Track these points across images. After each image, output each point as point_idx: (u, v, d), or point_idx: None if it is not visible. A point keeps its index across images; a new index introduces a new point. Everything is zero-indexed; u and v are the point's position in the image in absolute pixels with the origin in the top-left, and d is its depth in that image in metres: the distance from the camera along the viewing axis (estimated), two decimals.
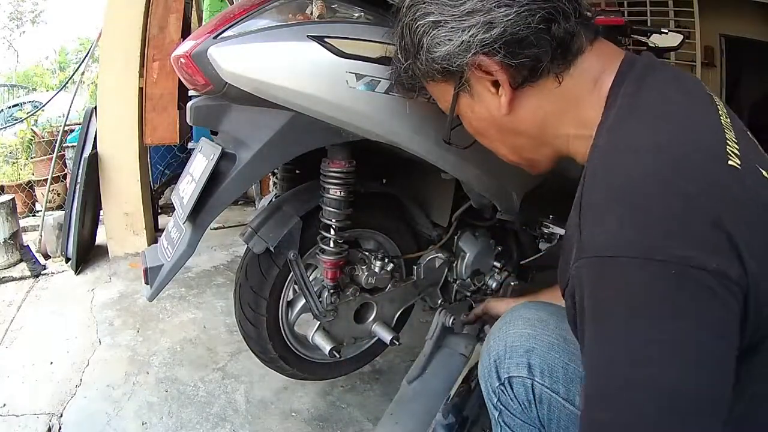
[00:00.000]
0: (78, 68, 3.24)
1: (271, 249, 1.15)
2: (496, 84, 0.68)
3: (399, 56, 0.76)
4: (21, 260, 2.56)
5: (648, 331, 0.49)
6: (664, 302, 0.48)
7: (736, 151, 0.56)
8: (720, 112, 0.61)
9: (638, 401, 0.48)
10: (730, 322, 0.49)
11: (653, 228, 0.49)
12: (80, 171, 2.47)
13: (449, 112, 0.75)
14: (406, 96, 0.91)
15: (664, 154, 0.53)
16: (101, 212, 2.76)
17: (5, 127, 4.28)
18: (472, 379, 1.03)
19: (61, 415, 1.47)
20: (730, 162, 0.54)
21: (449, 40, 0.66)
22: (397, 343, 1.29)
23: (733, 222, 0.49)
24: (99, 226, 2.85)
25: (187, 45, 0.93)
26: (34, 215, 3.50)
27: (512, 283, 1.41)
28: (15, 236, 2.57)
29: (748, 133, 0.63)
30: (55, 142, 3.27)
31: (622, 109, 0.61)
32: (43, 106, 3.81)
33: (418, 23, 0.68)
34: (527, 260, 1.44)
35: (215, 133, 1.08)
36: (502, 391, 0.80)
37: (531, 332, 0.80)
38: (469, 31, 0.64)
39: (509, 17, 0.62)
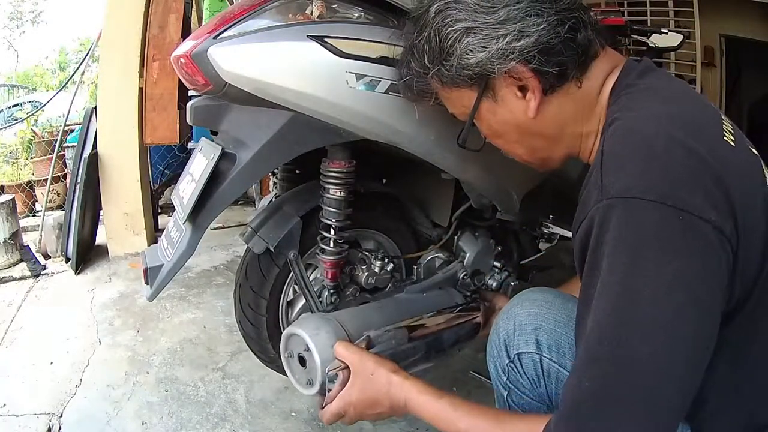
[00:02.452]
0: (78, 68, 3.25)
1: (271, 249, 1.15)
2: (521, 88, 0.71)
3: (423, 61, 0.75)
4: (21, 260, 2.56)
5: (652, 267, 0.54)
6: (670, 243, 0.54)
7: (731, 130, 0.64)
8: (712, 104, 0.69)
9: (635, 334, 0.54)
10: (721, 276, 0.56)
11: (667, 177, 0.56)
12: (80, 171, 2.47)
13: (469, 117, 0.77)
14: (413, 100, 0.91)
15: (675, 120, 0.60)
16: (101, 212, 2.76)
17: (5, 127, 4.28)
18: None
19: (61, 415, 1.47)
20: (725, 137, 0.62)
21: (483, 47, 0.68)
22: None
23: (731, 183, 0.56)
24: (99, 226, 2.85)
25: (187, 45, 0.93)
26: (34, 215, 3.50)
27: (512, 283, 1.41)
28: (15, 236, 2.57)
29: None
30: (55, 142, 3.27)
31: (633, 93, 0.67)
32: (43, 106, 3.81)
33: (449, 29, 0.69)
34: (527, 260, 1.44)
35: (215, 133, 1.08)
36: (512, 368, 0.83)
37: (538, 311, 0.83)
38: (504, 39, 0.66)
39: (541, 26, 0.66)
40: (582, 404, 0.56)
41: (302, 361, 0.94)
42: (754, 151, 0.66)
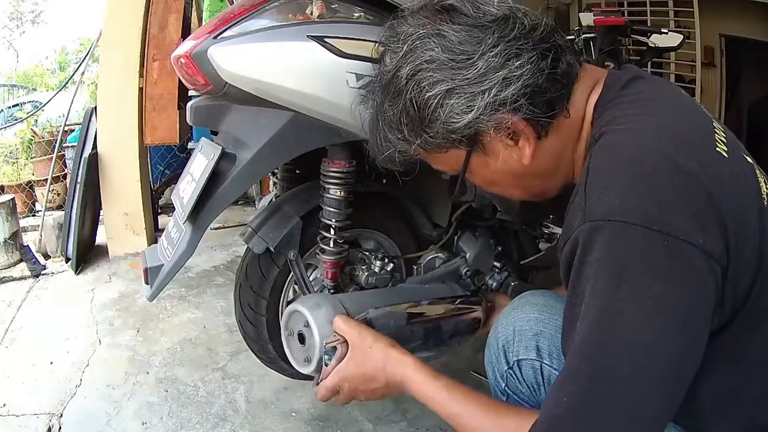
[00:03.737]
0: (78, 68, 3.25)
1: (272, 249, 1.15)
2: (512, 135, 0.66)
3: (404, 134, 0.68)
4: (21, 260, 2.56)
5: (635, 291, 0.53)
6: (654, 268, 0.53)
7: (723, 140, 0.62)
8: (704, 109, 0.67)
9: (616, 355, 0.54)
10: (707, 298, 0.54)
11: (654, 199, 0.54)
12: (80, 171, 2.47)
13: (460, 176, 0.73)
14: (397, 169, 0.81)
15: (665, 132, 0.58)
16: (101, 212, 2.76)
17: (5, 127, 4.27)
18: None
19: (61, 415, 1.47)
20: (718, 149, 0.59)
21: (469, 107, 0.62)
22: None
23: (723, 199, 0.55)
24: (99, 226, 2.85)
25: (187, 45, 0.93)
26: (34, 215, 3.49)
27: (512, 283, 1.41)
28: (15, 236, 2.57)
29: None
30: (55, 142, 3.27)
31: (619, 104, 0.64)
32: (43, 106, 3.81)
33: (428, 94, 0.63)
34: (527, 260, 1.44)
35: (215, 133, 1.08)
36: (511, 375, 0.81)
37: (538, 316, 0.81)
38: (490, 93, 0.62)
39: (524, 68, 0.62)
40: (559, 420, 0.56)
41: (301, 339, 0.94)
42: (749, 159, 0.64)
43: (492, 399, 0.79)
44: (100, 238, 2.82)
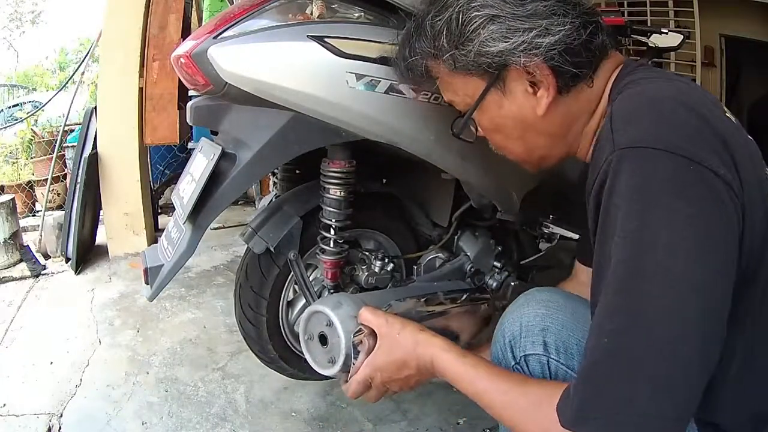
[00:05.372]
0: (78, 68, 3.25)
1: (272, 249, 1.15)
2: (533, 84, 0.70)
3: (439, 43, 0.72)
4: (21, 260, 2.57)
5: (667, 213, 0.55)
6: (684, 190, 0.55)
7: (731, 116, 0.66)
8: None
9: (650, 282, 0.54)
10: (733, 226, 0.55)
11: (677, 131, 0.57)
12: (80, 171, 2.47)
13: (472, 107, 0.76)
14: (408, 83, 0.89)
15: (680, 92, 0.63)
16: (101, 212, 2.76)
17: (5, 127, 4.28)
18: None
19: (61, 415, 1.47)
20: (727, 115, 0.64)
21: (506, 38, 0.67)
22: None
23: (735, 151, 0.57)
24: (99, 226, 2.85)
25: (187, 45, 0.93)
26: (34, 215, 3.49)
27: (512, 283, 1.41)
28: (15, 236, 2.57)
29: None
30: (55, 142, 3.27)
31: (636, 73, 0.69)
32: (43, 106, 3.81)
33: (474, 14, 0.68)
34: (527, 260, 1.44)
35: (215, 133, 1.08)
36: (518, 370, 0.81)
37: (545, 312, 0.81)
38: (529, 33, 0.66)
39: (566, 26, 0.66)
40: (601, 364, 0.56)
41: (323, 340, 0.93)
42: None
43: (519, 374, 0.79)
44: (100, 238, 2.82)
